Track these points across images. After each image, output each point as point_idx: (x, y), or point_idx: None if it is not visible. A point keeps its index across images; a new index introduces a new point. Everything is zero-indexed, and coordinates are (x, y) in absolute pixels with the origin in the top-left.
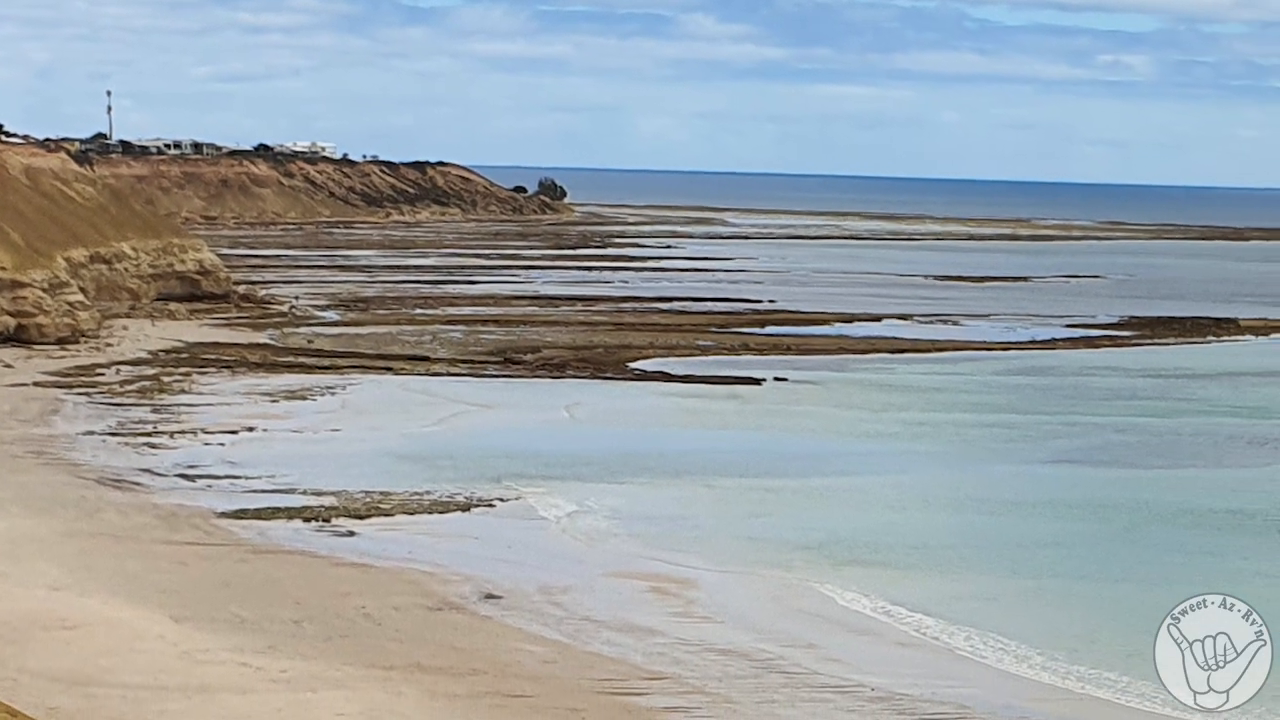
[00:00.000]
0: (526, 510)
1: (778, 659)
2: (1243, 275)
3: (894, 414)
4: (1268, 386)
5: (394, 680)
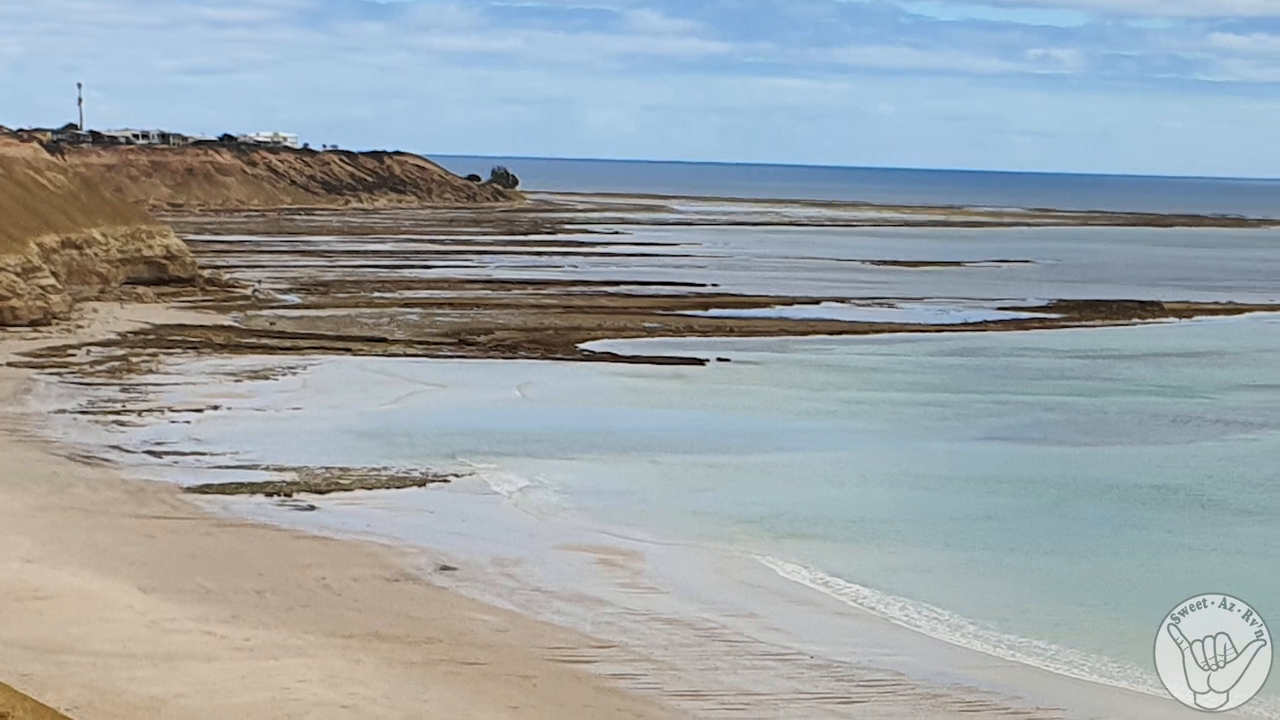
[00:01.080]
0: (480, 485)
1: (720, 628)
2: (1167, 260)
3: (832, 393)
4: (1191, 367)
5: (353, 648)
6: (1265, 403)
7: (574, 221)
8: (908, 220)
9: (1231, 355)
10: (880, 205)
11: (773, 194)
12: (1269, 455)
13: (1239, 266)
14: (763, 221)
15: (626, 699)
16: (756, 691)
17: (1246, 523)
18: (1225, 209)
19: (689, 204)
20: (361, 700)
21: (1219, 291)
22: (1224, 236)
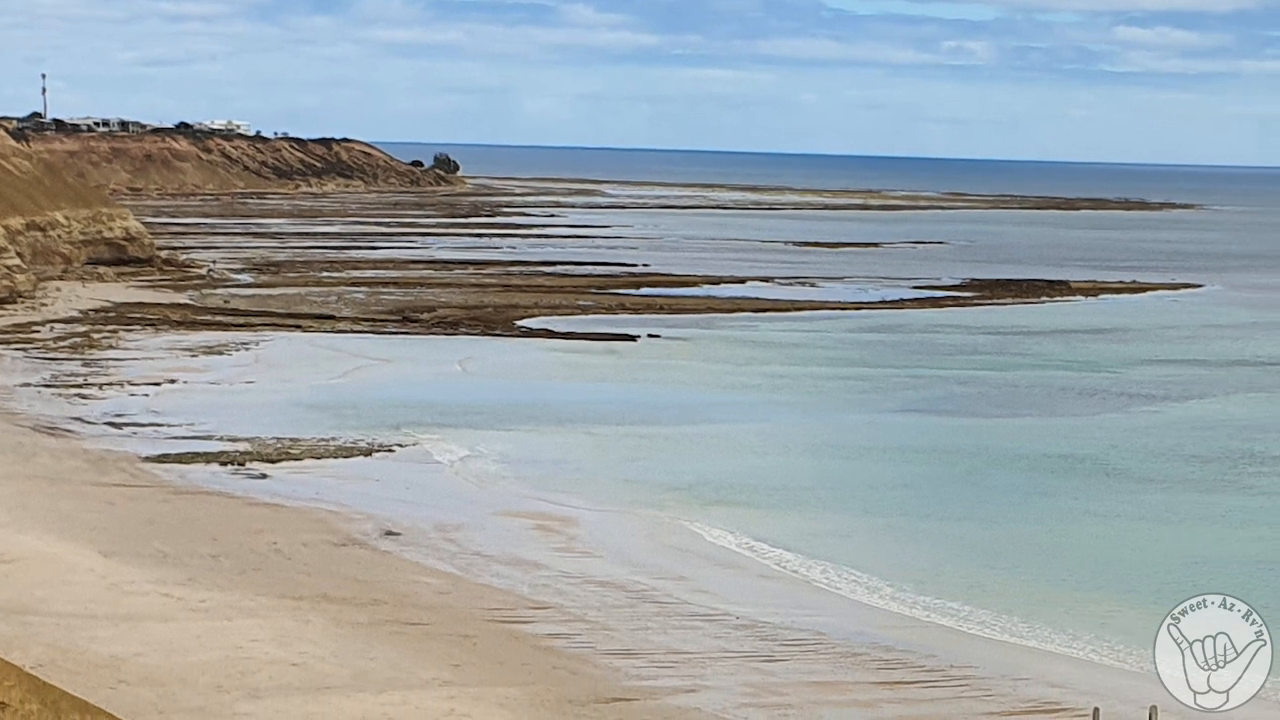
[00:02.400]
0: (423, 455)
1: (651, 590)
2: (1073, 241)
3: (757, 367)
4: (1096, 342)
5: (302, 609)
6: (1167, 377)
7: (512, 205)
8: (828, 204)
9: (1135, 332)
10: (802, 190)
11: (700, 179)
12: (1170, 426)
13: (1142, 247)
14: (691, 205)
15: (562, 657)
16: (685, 650)
17: (1149, 490)
18: (1129, 193)
19: (621, 188)
20: (310, 659)
21: (1123, 271)
22: (1127, 219)
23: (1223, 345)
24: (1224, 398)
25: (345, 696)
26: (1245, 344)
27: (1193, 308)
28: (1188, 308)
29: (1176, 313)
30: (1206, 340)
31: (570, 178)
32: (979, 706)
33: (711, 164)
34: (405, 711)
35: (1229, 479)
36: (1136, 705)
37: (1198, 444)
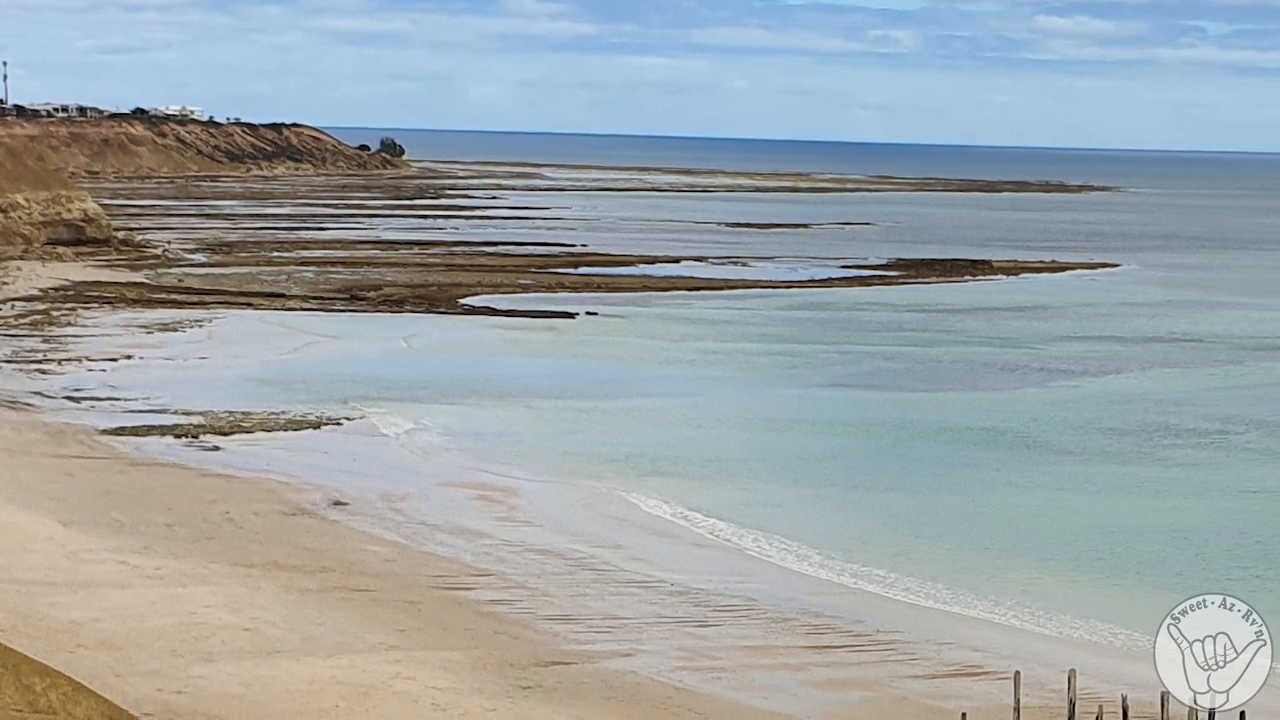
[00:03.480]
0: (370, 428)
1: (589, 558)
2: (995, 223)
3: (691, 343)
4: (1017, 320)
5: (254, 576)
6: (1085, 353)
7: (456, 187)
8: (759, 186)
9: (1055, 310)
10: (734, 173)
11: (637, 162)
12: (1088, 400)
13: (1061, 228)
14: (627, 187)
15: (503, 622)
16: (622, 616)
17: (1067, 462)
18: (1049, 176)
19: (560, 171)
20: (261, 624)
21: (1043, 251)
22: (1048, 201)
23: (1139, 322)
24: (1140, 373)
25: (295, 660)
26: (1160, 321)
27: (1110, 286)
28: (1105, 286)
29: (1094, 291)
30: (1123, 318)
31: (511, 161)
32: (904, 670)
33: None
34: (352, 675)
35: (1145, 451)
36: (1057, 669)
37: (1115, 417)
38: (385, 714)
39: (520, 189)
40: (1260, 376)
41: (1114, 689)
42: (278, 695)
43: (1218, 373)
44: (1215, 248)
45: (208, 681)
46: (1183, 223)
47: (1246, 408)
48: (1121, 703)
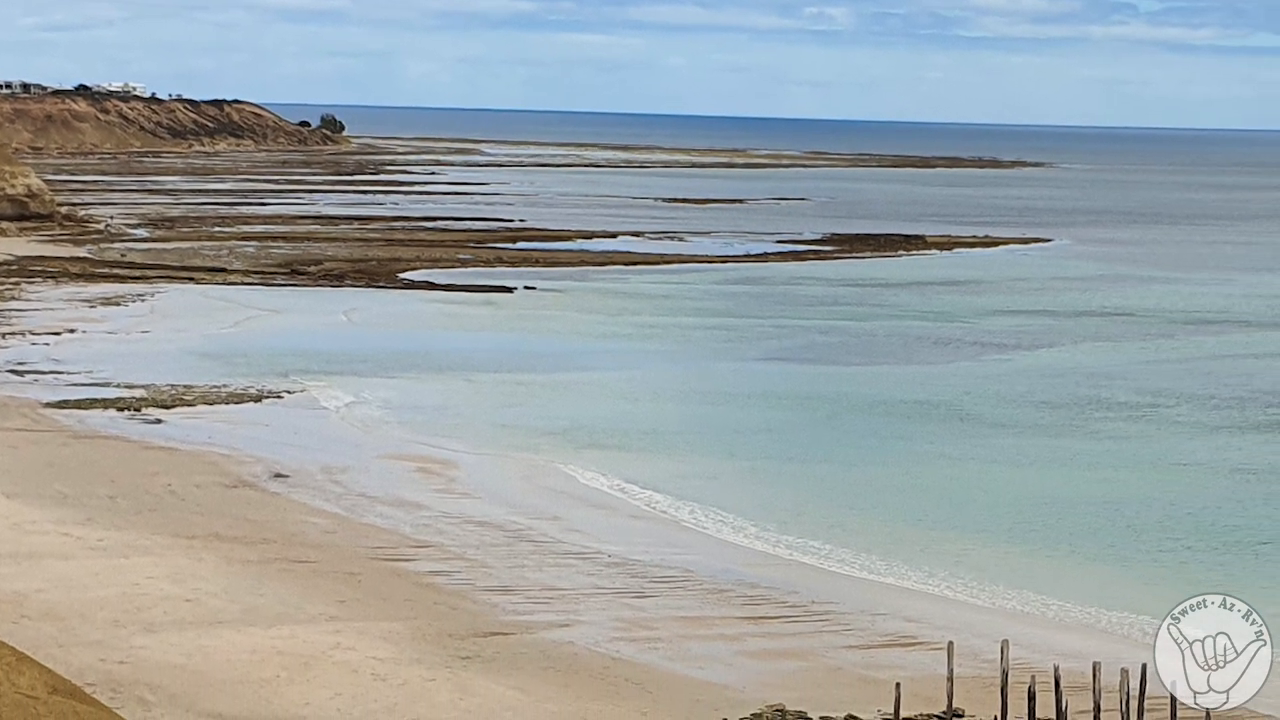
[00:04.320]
0: (310, 401)
1: (527, 529)
2: (929, 198)
3: (628, 318)
4: (950, 294)
5: (195, 548)
6: (1018, 327)
7: (395, 163)
8: (695, 162)
9: (988, 284)
10: (671, 149)
11: (574, 139)
12: (1021, 374)
13: (994, 204)
14: (565, 163)
15: (443, 593)
16: (560, 587)
17: (1000, 435)
18: (981, 152)
19: (498, 148)
20: (203, 595)
21: (976, 226)
22: (980, 177)
23: (1071, 296)
24: (1072, 346)
25: (236, 631)
26: (1092, 295)
27: (1042, 261)
28: (1037, 261)
29: (1027, 266)
30: (1055, 292)
31: (450, 137)
32: (839, 640)
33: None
34: (293, 645)
35: (1077, 424)
36: (989, 639)
37: (1047, 391)
38: (325, 684)
39: (459, 165)
40: (1191, 350)
41: (1046, 659)
42: (219, 665)
43: (1149, 346)
44: (1147, 223)
45: (150, 652)
46: (1114, 198)
47: (1177, 381)
48: (1054, 673)
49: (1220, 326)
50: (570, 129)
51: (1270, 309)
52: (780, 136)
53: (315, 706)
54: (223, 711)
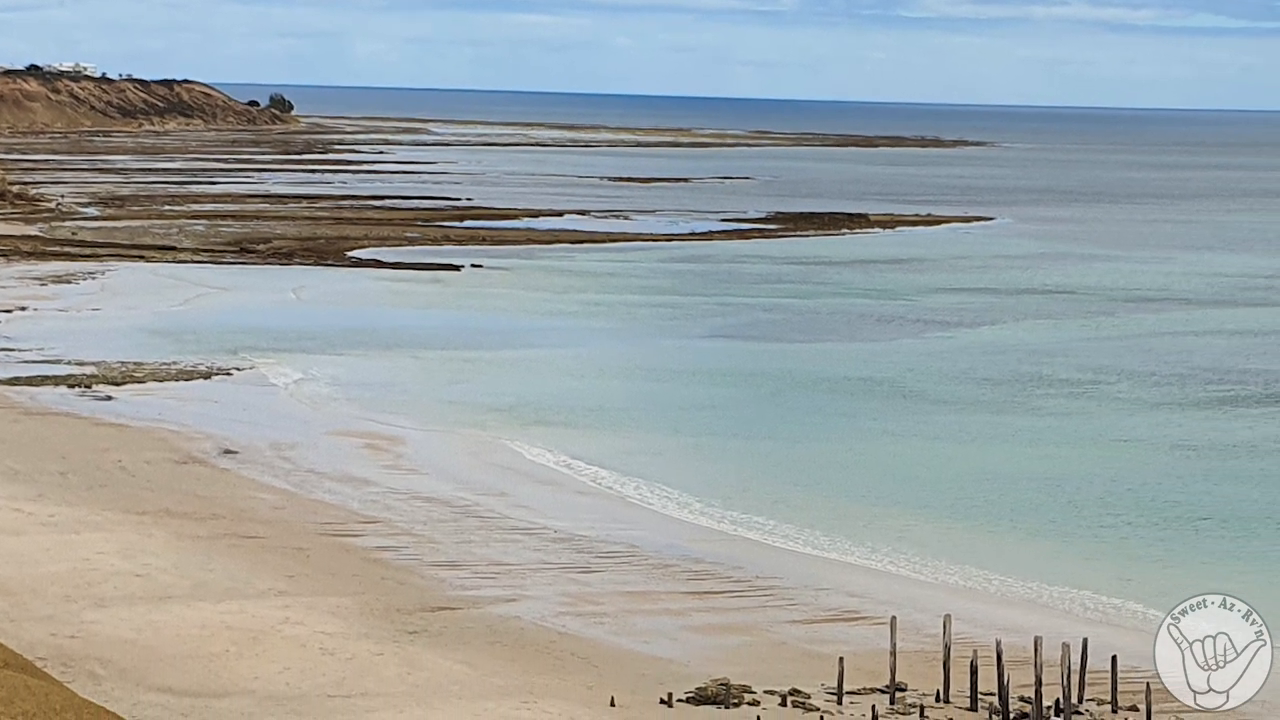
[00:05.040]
0: (259, 378)
1: (474, 505)
2: (872, 177)
3: (574, 295)
4: (894, 272)
5: (146, 524)
6: (960, 304)
7: (343, 142)
8: (641, 141)
9: (930, 262)
10: (617, 128)
11: (521, 118)
12: (963, 351)
13: (937, 183)
14: (512, 143)
15: (390, 569)
16: (506, 562)
17: (943, 411)
18: (924, 131)
19: (446, 127)
20: (153, 570)
21: (919, 205)
22: (923, 156)
23: (1012, 274)
24: (1013, 324)
25: (186, 606)
26: (1033, 273)
27: (984, 239)
28: (980, 239)
29: (969, 244)
30: (997, 270)
31: (398, 117)
32: (783, 615)
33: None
34: (243, 620)
35: (1018, 400)
36: (932, 614)
37: (989, 368)
38: (274, 658)
39: (407, 144)
40: (1131, 327)
41: (988, 633)
42: (169, 640)
43: (1090, 324)
44: (1087, 201)
45: (100, 626)
46: (1056, 177)
47: (1117, 358)
48: (996, 647)
49: (1160, 304)
50: (517, 108)
51: (1210, 287)
52: (725, 116)
53: (264, 680)
54: (172, 685)
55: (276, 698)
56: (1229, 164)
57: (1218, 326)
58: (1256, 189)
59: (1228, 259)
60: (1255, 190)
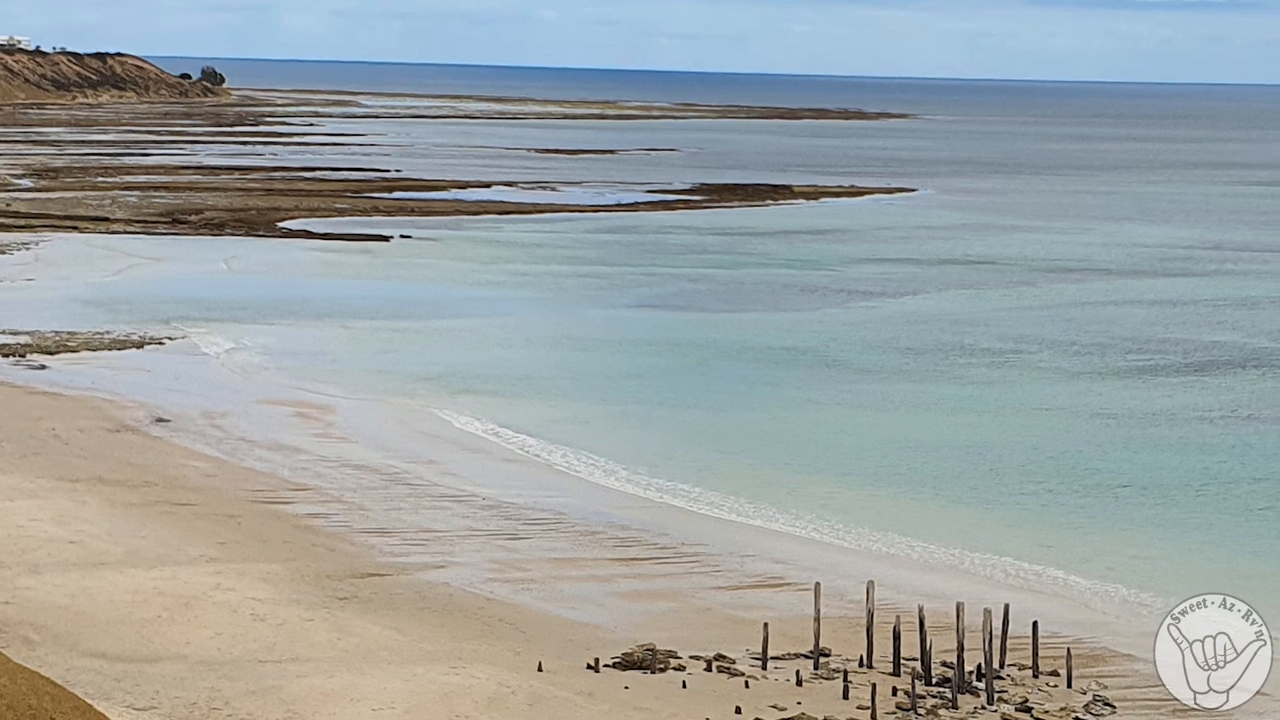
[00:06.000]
0: (191, 347)
1: (403, 473)
2: (796, 149)
3: (502, 266)
4: (817, 243)
5: (79, 491)
6: (883, 274)
7: (274, 115)
8: (568, 114)
9: (854, 233)
10: (544, 101)
11: (449, 91)
12: (886, 321)
13: (860, 154)
14: (440, 115)
15: (321, 535)
16: (435, 529)
17: (866, 380)
18: (847, 104)
19: (375, 100)
20: (87, 537)
21: (842, 176)
22: (847, 128)
23: (934, 245)
24: (936, 294)
25: (119, 572)
26: (955, 244)
27: (907, 210)
28: (902, 210)
29: (892, 215)
30: (920, 240)
31: (328, 90)
32: (708, 581)
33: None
34: (175, 586)
35: (940, 369)
36: (855, 580)
37: (911, 337)
38: (206, 624)
39: (337, 116)
40: (1052, 297)
41: (911, 599)
42: (102, 606)
43: (1011, 294)
44: (1009, 173)
45: (34, 592)
46: (977, 149)
47: (1038, 328)
48: (918, 613)
49: (1081, 274)
50: (445, 81)
51: (1129, 257)
52: (651, 89)
53: (196, 646)
54: (106, 650)
55: (208, 663)
56: (1148, 136)
57: (1137, 296)
58: (1175, 161)
59: (1147, 230)
60: (1174, 162)
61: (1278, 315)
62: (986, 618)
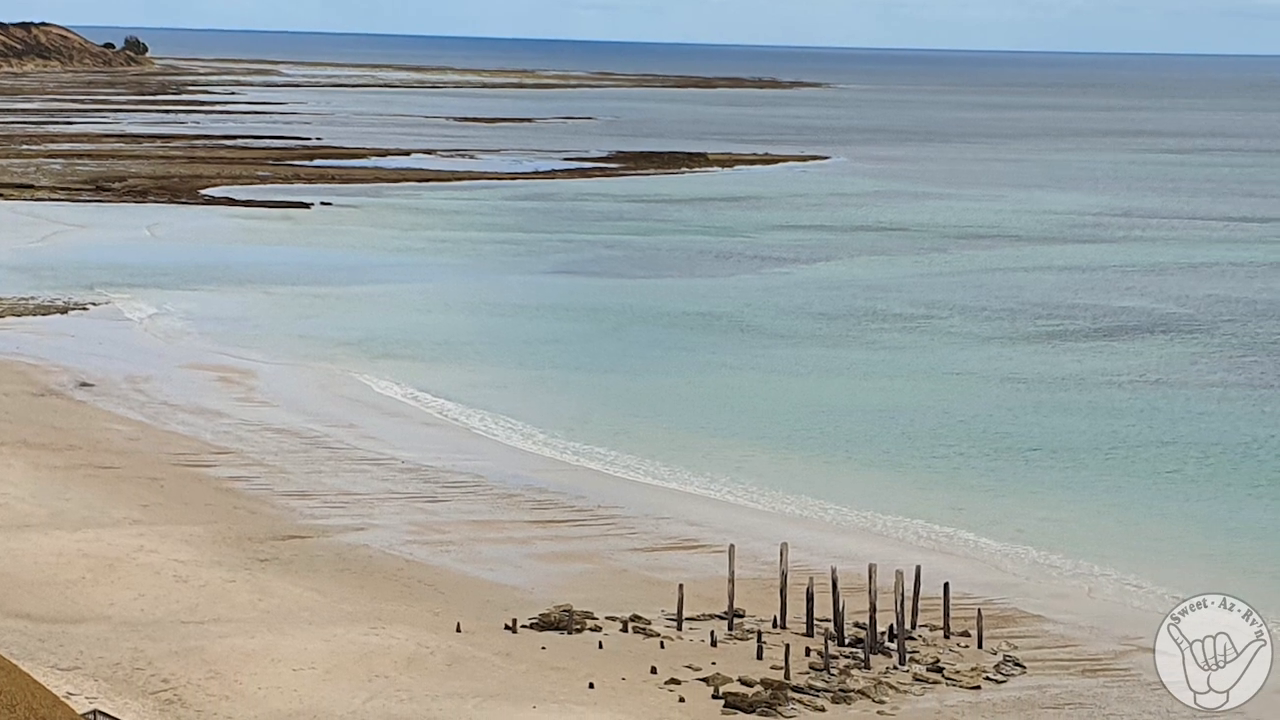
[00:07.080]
0: (114, 313)
1: (324, 436)
2: (711, 117)
3: (421, 232)
4: (732, 210)
5: (4, 454)
6: (797, 241)
7: (197, 84)
8: (486, 83)
9: (768, 200)
10: (462, 70)
11: (369, 60)
12: (799, 286)
13: (774, 122)
14: (360, 84)
15: (242, 498)
16: (355, 492)
17: (779, 345)
18: (762, 73)
19: (296, 69)
20: (11, 500)
21: (757, 144)
22: (762, 97)
23: (847, 212)
24: (848, 260)
25: (43, 534)
26: (868, 210)
27: (820, 178)
28: (816, 178)
29: (805, 182)
30: (833, 207)
31: (250, 59)
32: (624, 543)
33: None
34: (99, 548)
35: (853, 334)
36: (769, 542)
37: (825, 303)
38: (130, 585)
39: (258, 85)
40: (963, 264)
41: (824, 561)
42: (27, 567)
43: (923, 260)
44: (920, 141)
45: None
46: (890, 117)
47: (950, 294)
48: (831, 574)
49: (991, 241)
50: (365, 51)
51: (1039, 224)
52: (568, 58)
53: (120, 607)
54: (30, 611)
55: (131, 623)
56: (1058, 104)
57: (1047, 263)
58: (1085, 129)
59: (1057, 197)
60: (1084, 130)
61: (1185, 281)
62: (898, 579)
